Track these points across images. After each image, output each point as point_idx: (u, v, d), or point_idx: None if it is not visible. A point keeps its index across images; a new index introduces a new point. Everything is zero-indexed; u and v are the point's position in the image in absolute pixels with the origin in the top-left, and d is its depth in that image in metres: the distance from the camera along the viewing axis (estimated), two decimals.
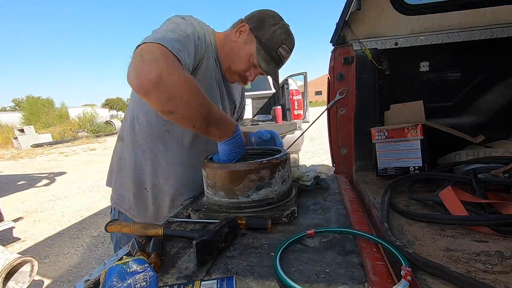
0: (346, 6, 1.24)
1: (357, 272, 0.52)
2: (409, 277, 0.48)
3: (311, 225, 0.73)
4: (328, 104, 1.48)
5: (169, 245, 0.69)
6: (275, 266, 0.53)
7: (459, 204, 0.73)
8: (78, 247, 3.13)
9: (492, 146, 1.18)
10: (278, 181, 0.81)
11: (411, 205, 0.88)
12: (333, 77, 1.42)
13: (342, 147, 1.48)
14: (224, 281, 0.49)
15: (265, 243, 0.66)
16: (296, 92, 4.25)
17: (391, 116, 1.31)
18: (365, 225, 0.74)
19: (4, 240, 3.42)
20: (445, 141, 1.17)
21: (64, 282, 2.51)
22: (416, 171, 1.08)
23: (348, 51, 1.36)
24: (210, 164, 0.83)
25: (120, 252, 0.69)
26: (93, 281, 0.56)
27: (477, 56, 1.27)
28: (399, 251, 0.57)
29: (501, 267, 0.53)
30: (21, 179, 6.85)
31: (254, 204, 0.79)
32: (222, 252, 0.63)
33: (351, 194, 1.00)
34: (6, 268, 1.76)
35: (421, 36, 1.26)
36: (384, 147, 1.15)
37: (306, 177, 1.02)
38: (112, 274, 0.46)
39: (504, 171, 0.85)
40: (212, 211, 0.82)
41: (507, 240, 0.63)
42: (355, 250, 0.60)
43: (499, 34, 1.19)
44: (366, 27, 1.32)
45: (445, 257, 0.58)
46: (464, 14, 1.23)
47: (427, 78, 1.34)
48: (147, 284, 0.47)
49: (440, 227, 0.71)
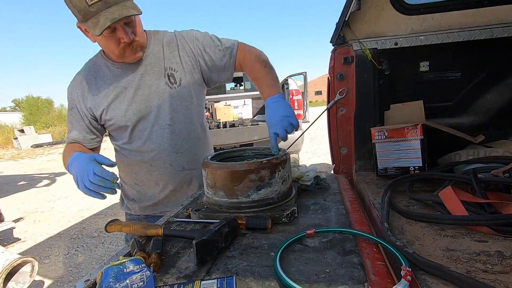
0: (346, 6, 1.24)
1: (357, 272, 0.52)
2: (409, 277, 0.48)
3: (311, 225, 0.73)
4: (328, 104, 1.48)
5: (169, 245, 0.70)
6: (275, 266, 0.53)
7: (459, 204, 0.73)
8: (78, 247, 3.14)
9: (492, 146, 1.18)
10: (278, 181, 0.81)
11: (411, 205, 0.88)
12: (333, 77, 1.42)
13: (342, 147, 1.48)
14: (224, 281, 0.49)
15: (265, 243, 0.66)
16: (296, 92, 4.25)
17: (391, 116, 1.31)
18: (365, 225, 0.74)
19: (4, 240, 3.42)
20: (445, 141, 1.17)
21: (64, 282, 2.51)
22: (416, 171, 1.08)
23: (348, 51, 1.36)
24: (210, 164, 0.83)
25: (120, 253, 0.69)
26: (93, 281, 0.56)
27: (477, 56, 1.27)
28: (399, 251, 0.57)
29: (501, 267, 0.53)
30: (21, 179, 6.85)
31: (254, 204, 0.79)
32: (222, 252, 0.63)
33: (351, 194, 1.00)
34: (7, 269, 1.76)
35: (421, 36, 1.26)
36: (384, 147, 1.15)
37: (306, 177, 1.02)
38: (108, 275, 0.46)
39: (504, 171, 0.85)
40: (212, 211, 0.82)
41: (507, 240, 0.63)
42: (355, 250, 0.60)
43: (499, 34, 1.19)
44: (366, 27, 1.32)
45: (445, 257, 0.58)
46: (464, 14, 1.23)
47: (427, 78, 1.34)
48: (144, 284, 0.47)
49: (440, 227, 0.71)
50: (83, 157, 0.87)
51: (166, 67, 1.10)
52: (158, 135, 1.10)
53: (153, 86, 1.08)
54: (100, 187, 0.82)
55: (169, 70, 1.10)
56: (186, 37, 1.13)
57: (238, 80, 6.41)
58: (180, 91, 1.11)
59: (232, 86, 6.54)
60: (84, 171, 0.83)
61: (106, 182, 0.82)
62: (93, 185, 0.82)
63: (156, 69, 1.09)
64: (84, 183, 0.83)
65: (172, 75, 1.11)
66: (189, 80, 1.13)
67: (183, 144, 1.15)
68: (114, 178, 0.84)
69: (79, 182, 0.84)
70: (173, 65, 1.11)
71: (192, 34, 1.13)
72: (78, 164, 0.86)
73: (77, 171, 0.85)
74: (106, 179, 0.82)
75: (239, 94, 5.46)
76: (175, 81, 1.11)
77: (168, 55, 1.11)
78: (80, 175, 0.83)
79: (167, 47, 1.11)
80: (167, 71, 1.10)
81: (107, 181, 0.82)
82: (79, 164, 0.85)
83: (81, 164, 0.85)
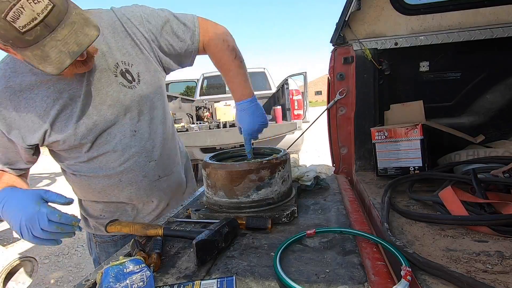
0: (346, 6, 1.24)
1: (357, 272, 0.52)
2: (409, 277, 0.48)
3: (311, 225, 0.73)
4: (328, 104, 1.48)
5: (169, 245, 0.70)
6: (275, 266, 0.53)
7: (459, 204, 0.73)
8: (78, 247, 3.13)
9: (492, 146, 1.18)
10: (278, 181, 0.81)
11: (411, 205, 0.88)
12: (333, 77, 1.42)
13: (342, 147, 1.48)
14: (224, 281, 0.49)
15: (265, 243, 0.66)
16: (296, 92, 4.25)
17: (391, 116, 1.31)
18: (365, 225, 0.74)
19: (4, 240, 3.41)
20: (445, 141, 1.17)
21: (64, 282, 2.51)
22: (416, 171, 1.08)
23: (348, 51, 1.36)
24: (211, 164, 0.83)
25: (120, 253, 0.69)
26: (93, 281, 0.56)
27: (477, 56, 1.27)
28: (399, 251, 0.57)
29: (501, 267, 0.53)
30: None
31: (254, 204, 0.79)
32: (222, 252, 0.63)
33: (351, 194, 1.00)
34: (7, 269, 1.75)
35: (421, 36, 1.26)
36: (384, 147, 1.15)
37: (306, 177, 1.02)
38: (108, 275, 0.46)
39: (504, 171, 0.85)
40: (212, 211, 0.82)
41: (507, 240, 0.63)
42: (355, 250, 0.60)
43: (499, 34, 1.19)
44: (366, 27, 1.32)
45: (445, 257, 0.58)
46: (464, 14, 1.23)
47: (427, 78, 1.34)
48: (144, 284, 0.47)
49: (440, 227, 0.71)
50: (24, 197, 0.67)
51: (118, 62, 0.85)
52: (123, 145, 0.89)
53: (105, 90, 0.84)
54: (57, 234, 0.68)
55: (122, 65, 0.86)
56: (132, 19, 0.87)
57: None
58: (141, 88, 0.89)
59: None
60: (33, 219, 0.65)
61: (65, 228, 0.67)
62: (46, 233, 0.66)
63: (104, 68, 0.84)
64: (33, 232, 0.66)
65: (128, 70, 0.87)
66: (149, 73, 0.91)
67: (155, 150, 0.96)
68: (75, 221, 0.69)
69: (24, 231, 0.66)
70: (126, 58, 0.87)
71: (140, 14, 0.88)
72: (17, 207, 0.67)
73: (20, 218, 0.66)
74: (65, 224, 0.67)
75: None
76: (133, 78, 0.88)
77: (115, 46, 0.85)
78: (26, 224, 0.65)
79: (111, 35, 0.85)
80: (120, 67, 0.86)
81: (67, 226, 0.67)
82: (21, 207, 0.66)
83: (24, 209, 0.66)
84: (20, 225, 0.66)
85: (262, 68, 6.05)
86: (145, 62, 0.90)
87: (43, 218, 0.65)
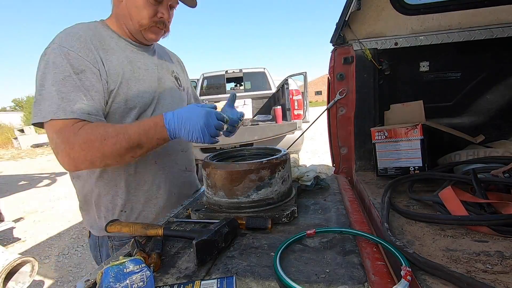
0: (346, 6, 1.24)
1: (357, 272, 0.52)
2: (409, 277, 0.48)
3: (311, 225, 0.73)
4: (328, 104, 1.48)
5: (169, 245, 0.70)
6: (275, 266, 0.53)
7: (459, 204, 0.73)
8: (78, 247, 3.14)
9: (492, 146, 1.18)
10: (278, 181, 0.81)
11: (411, 205, 0.88)
12: (333, 77, 1.42)
13: (342, 147, 1.48)
14: (224, 281, 0.49)
15: (265, 243, 0.66)
16: (296, 92, 4.24)
17: (391, 116, 1.31)
18: (365, 225, 0.74)
19: (4, 240, 3.42)
20: (445, 141, 1.17)
21: (64, 282, 2.51)
22: (416, 171, 1.08)
23: (348, 51, 1.36)
24: (210, 164, 0.83)
25: (120, 253, 0.69)
26: (93, 281, 0.56)
27: (477, 56, 1.27)
28: (399, 251, 0.57)
29: (501, 267, 0.53)
30: (22, 179, 6.86)
31: (254, 204, 0.79)
32: (222, 252, 0.63)
33: (351, 194, 1.00)
34: (7, 269, 1.76)
35: (421, 36, 1.26)
36: (384, 147, 1.15)
37: (306, 177, 1.02)
38: (108, 275, 0.46)
39: (504, 171, 0.85)
40: (212, 211, 0.82)
41: (507, 240, 0.63)
42: (355, 250, 0.59)
43: (499, 34, 1.19)
44: (366, 27, 1.32)
45: (445, 257, 0.58)
46: (464, 14, 1.23)
47: (427, 78, 1.34)
48: (144, 284, 0.47)
49: (440, 227, 0.71)
50: (195, 108, 0.80)
51: (173, 69, 1.12)
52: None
53: (168, 80, 1.06)
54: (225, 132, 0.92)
55: (175, 73, 1.12)
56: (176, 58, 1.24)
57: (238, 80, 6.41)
58: (183, 95, 1.14)
59: (232, 86, 6.54)
60: (208, 123, 0.78)
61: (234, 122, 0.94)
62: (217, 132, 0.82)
63: (166, 68, 1.07)
64: (210, 133, 0.79)
65: (177, 78, 1.12)
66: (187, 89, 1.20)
67: (185, 143, 1.11)
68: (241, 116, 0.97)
69: (205, 133, 0.78)
70: (176, 69, 1.14)
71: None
72: (195, 113, 0.78)
73: (199, 124, 0.77)
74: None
75: (239, 94, 5.45)
76: (180, 85, 1.12)
77: (170, 60, 1.14)
78: (203, 127, 0.77)
79: (166, 54, 1.16)
80: (174, 73, 1.11)
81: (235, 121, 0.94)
82: (197, 113, 0.78)
83: (199, 117, 0.77)
84: (201, 129, 0.77)
85: (262, 68, 6.05)
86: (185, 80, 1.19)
87: (214, 120, 0.80)
